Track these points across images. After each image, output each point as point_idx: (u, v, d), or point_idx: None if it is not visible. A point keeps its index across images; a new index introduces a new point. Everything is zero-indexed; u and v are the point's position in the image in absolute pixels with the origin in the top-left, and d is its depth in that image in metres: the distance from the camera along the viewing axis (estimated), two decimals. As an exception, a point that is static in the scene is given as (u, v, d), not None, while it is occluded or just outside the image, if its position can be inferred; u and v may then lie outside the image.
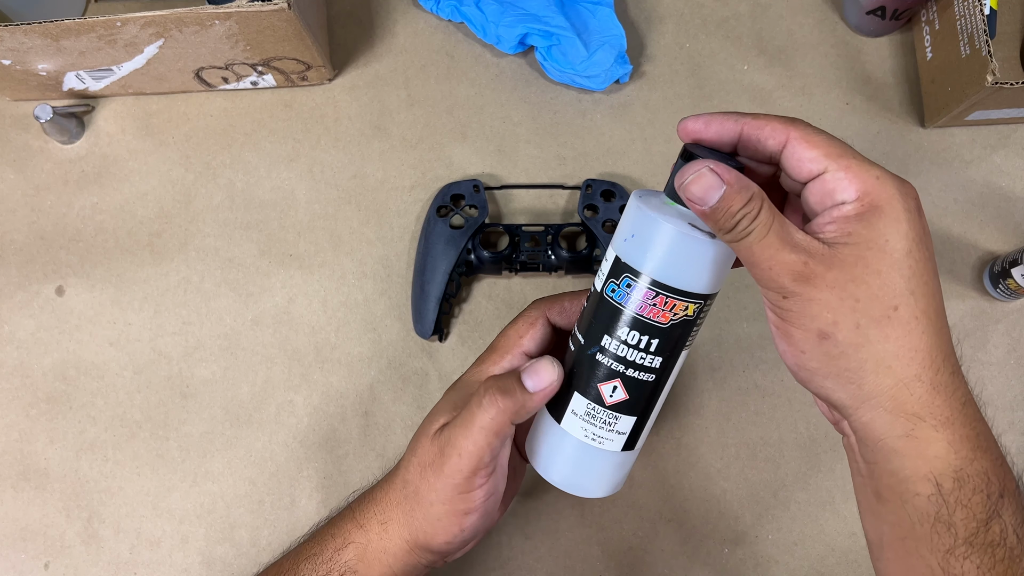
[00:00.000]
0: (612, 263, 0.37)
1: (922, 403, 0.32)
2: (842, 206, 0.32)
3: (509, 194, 0.62)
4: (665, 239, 0.35)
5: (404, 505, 0.41)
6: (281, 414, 0.58)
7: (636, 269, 0.35)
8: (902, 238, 0.32)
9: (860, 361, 0.32)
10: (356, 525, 0.43)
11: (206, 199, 0.62)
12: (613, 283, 0.36)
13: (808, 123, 0.34)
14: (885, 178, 0.32)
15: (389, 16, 0.66)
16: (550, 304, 0.43)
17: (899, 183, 0.32)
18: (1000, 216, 0.62)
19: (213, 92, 0.64)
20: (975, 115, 0.61)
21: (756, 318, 0.60)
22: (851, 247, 0.32)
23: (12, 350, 0.59)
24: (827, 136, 0.33)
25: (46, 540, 0.56)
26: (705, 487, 0.57)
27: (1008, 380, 0.59)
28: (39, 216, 0.61)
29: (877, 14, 0.62)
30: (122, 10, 0.60)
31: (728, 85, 0.64)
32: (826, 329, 0.32)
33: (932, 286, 0.33)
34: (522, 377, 0.38)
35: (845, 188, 0.32)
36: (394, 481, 0.43)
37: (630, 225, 0.36)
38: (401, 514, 0.41)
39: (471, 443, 0.38)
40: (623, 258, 0.36)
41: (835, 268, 0.31)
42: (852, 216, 0.32)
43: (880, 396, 0.32)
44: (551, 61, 0.61)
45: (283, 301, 0.60)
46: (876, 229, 0.31)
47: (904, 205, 0.32)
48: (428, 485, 0.40)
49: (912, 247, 0.32)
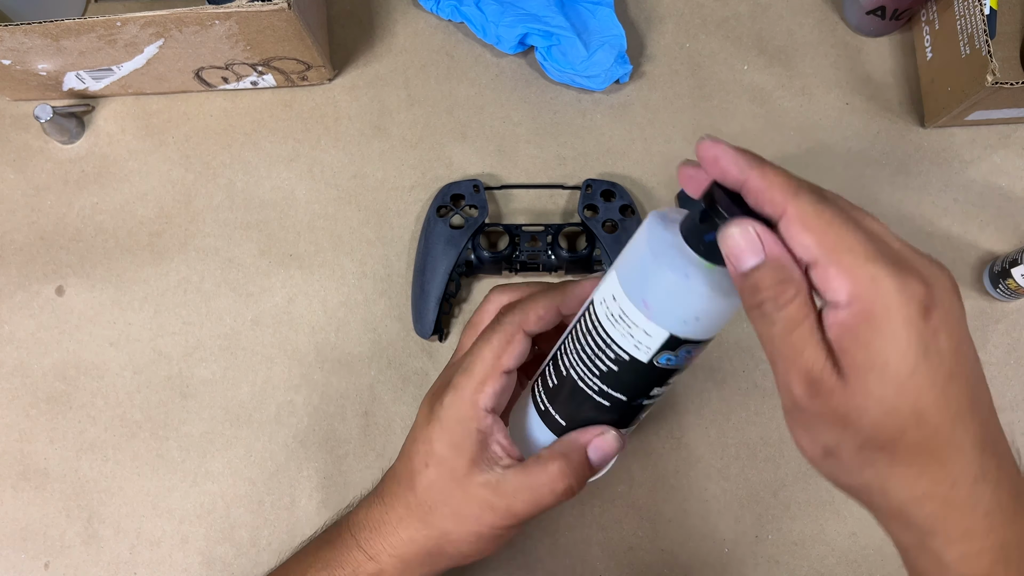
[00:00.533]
0: (667, 340, 0.34)
1: (934, 519, 0.30)
2: (836, 309, 0.28)
3: (509, 194, 0.62)
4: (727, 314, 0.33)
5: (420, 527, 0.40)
6: (281, 414, 0.58)
7: (698, 340, 0.34)
8: (902, 357, 0.28)
9: (866, 480, 0.31)
10: (367, 557, 0.41)
11: (206, 199, 0.62)
12: (669, 355, 0.34)
13: (815, 193, 0.30)
14: (883, 278, 0.27)
15: (389, 16, 0.66)
16: (523, 315, 0.39)
17: (899, 282, 0.27)
18: (1000, 216, 0.62)
19: (213, 92, 0.64)
20: (975, 115, 0.61)
21: (756, 318, 0.60)
22: (851, 369, 0.29)
23: (12, 350, 0.59)
24: (829, 217, 0.28)
25: (46, 540, 0.56)
26: (705, 487, 0.57)
27: (1008, 380, 0.59)
28: (39, 216, 0.61)
29: (877, 14, 0.62)
30: (122, 10, 0.60)
31: (728, 85, 0.65)
32: (831, 447, 0.30)
33: (951, 397, 0.29)
34: (589, 452, 0.39)
35: (836, 289, 0.28)
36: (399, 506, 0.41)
37: (695, 309, 0.32)
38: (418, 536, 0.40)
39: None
40: (682, 335, 0.33)
41: (837, 392, 0.29)
42: (848, 325, 0.28)
43: (888, 510, 0.31)
44: (551, 61, 0.61)
45: (283, 301, 0.60)
46: (872, 348, 0.28)
47: (905, 313, 0.27)
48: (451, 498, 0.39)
49: (918, 363, 0.28)
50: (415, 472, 0.40)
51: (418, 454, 0.39)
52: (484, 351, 0.38)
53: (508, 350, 0.38)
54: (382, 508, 0.41)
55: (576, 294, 0.39)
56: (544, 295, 0.39)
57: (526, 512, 0.38)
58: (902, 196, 0.62)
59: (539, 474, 0.38)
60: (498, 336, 0.38)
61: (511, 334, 0.38)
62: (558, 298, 0.39)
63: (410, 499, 0.40)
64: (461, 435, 0.38)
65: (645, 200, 0.62)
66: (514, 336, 0.38)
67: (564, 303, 0.39)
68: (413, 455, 0.40)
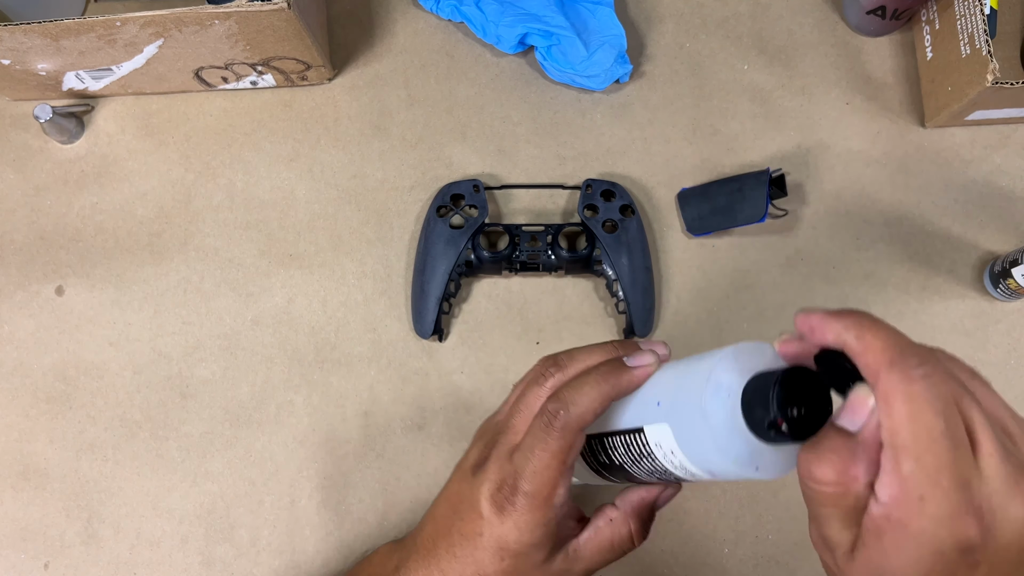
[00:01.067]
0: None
1: None
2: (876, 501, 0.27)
3: (509, 194, 0.62)
4: None
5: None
6: (281, 414, 0.58)
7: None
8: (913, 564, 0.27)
9: None
10: None
11: (206, 199, 0.62)
12: None
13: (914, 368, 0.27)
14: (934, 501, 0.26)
15: (389, 16, 0.66)
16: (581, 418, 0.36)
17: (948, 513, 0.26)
18: (1000, 216, 0.62)
19: (213, 92, 0.64)
20: (975, 115, 0.61)
21: (756, 318, 0.60)
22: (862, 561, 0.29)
23: (12, 350, 0.59)
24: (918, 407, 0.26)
25: (46, 540, 0.56)
26: (705, 487, 0.56)
27: (1008, 380, 0.59)
28: (39, 216, 0.61)
29: (877, 14, 0.62)
30: (122, 10, 0.60)
31: (728, 85, 0.64)
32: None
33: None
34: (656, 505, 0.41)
35: (884, 484, 0.27)
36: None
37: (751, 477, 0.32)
38: None
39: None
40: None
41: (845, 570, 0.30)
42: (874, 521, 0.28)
43: None
44: (551, 61, 0.61)
45: (283, 301, 0.60)
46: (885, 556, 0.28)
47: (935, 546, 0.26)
48: None
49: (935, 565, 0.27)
50: (485, 562, 0.38)
51: (490, 548, 0.38)
52: (547, 460, 0.36)
53: (571, 455, 0.37)
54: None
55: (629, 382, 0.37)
56: (595, 387, 0.37)
57: (598, 568, 0.40)
58: (902, 196, 0.62)
59: (614, 536, 0.40)
60: (557, 444, 0.36)
61: (571, 440, 0.36)
62: (610, 390, 0.37)
63: None
64: (542, 536, 0.37)
65: (645, 200, 0.62)
66: (574, 441, 0.37)
67: (618, 392, 0.37)
68: (483, 546, 0.38)
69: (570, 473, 0.38)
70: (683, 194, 0.61)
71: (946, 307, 0.60)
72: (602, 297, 0.60)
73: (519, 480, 0.37)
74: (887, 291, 0.60)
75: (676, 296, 0.60)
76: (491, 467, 0.38)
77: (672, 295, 0.60)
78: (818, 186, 0.62)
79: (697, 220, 0.60)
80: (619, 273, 0.57)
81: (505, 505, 0.37)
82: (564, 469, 0.37)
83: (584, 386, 0.37)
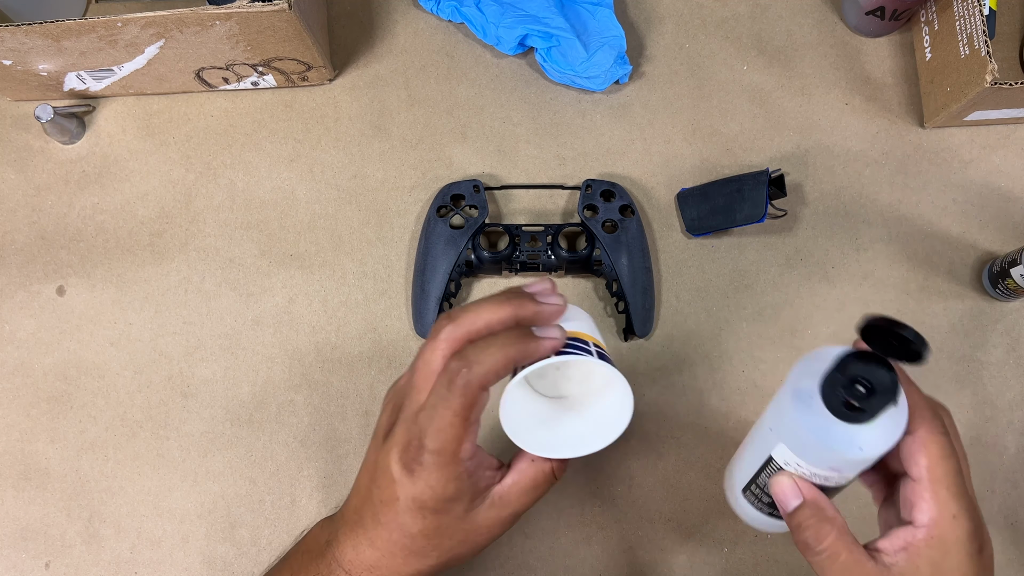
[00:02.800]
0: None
1: None
2: (914, 528, 0.36)
3: (509, 194, 0.62)
4: None
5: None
6: (282, 414, 0.58)
7: None
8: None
9: None
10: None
11: (207, 199, 0.62)
12: None
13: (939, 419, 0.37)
14: (961, 516, 0.35)
15: (389, 17, 0.66)
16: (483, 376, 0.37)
17: (970, 524, 0.35)
18: (999, 216, 0.62)
19: (214, 92, 0.64)
20: (974, 115, 0.61)
21: (755, 318, 0.60)
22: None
23: (13, 350, 0.59)
24: (944, 450, 0.36)
25: (47, 539, 0.56)
26: (705, 487, 0.57)
27: (1007, 380, 0.59)
28: (40, 216, 0.62)
29: (876, 15, 0.62)
30: (123, 10, 0.60)
31: (728, 85, 0.65)
32: None
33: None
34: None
35: (922, 511, 0.36)
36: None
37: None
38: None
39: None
40: None
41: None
42: (921, 543, 0.35)
43: None
44: (551, 63, 0.61)
45: (283, 301, 0.60)
46: (938, 566, 0.35)
47: (969, 549, 0.35)
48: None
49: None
50: (407, 524, 0.39)
51: (408, 510, 0.39)
52: (450, 417, 0.37)
53: (473, 411, 0.37)
54: (376, 553, 0.40)
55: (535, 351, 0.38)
56: (500, 350, 0.37)
57: (526, 508, 0.41)
58: (901, 196, 0.62)
59: (536, 475, 0.41)
60: (459, 401, 0.37)
61: (472, 397, 0.37)
62: (515, 353, 0.37)
63: (408, 544, 0.40)
64: (455, 489, 0.38)
65: (645, 200, 0.62)
66: (476, 398, 0.37)
67: (523, 357, 0.38)
68: (401, 510, 0.39)
69: (475, 428, 0.38)
70: (683, 194, 0.62)
71: (945, 307, 0.60)
72: (602, 297, 0.60)
73: (424, 439, 0.37)
74: (886, 291, 0.61)
75: (676, 296, 0.60)
76: (398, 430, 0.39)
77: (672, 295, 0.60)
78: (817, 186, 0.62)
79: (696, 220, 0.60)
80: (619, 273, 0.57)
81: (413, 465, 0.38)
82: (467, 425, 0.37)
83: (490, 347, 0.37)
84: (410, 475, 0.38)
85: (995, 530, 0.56)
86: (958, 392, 0.58)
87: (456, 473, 0.38)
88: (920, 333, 0.32)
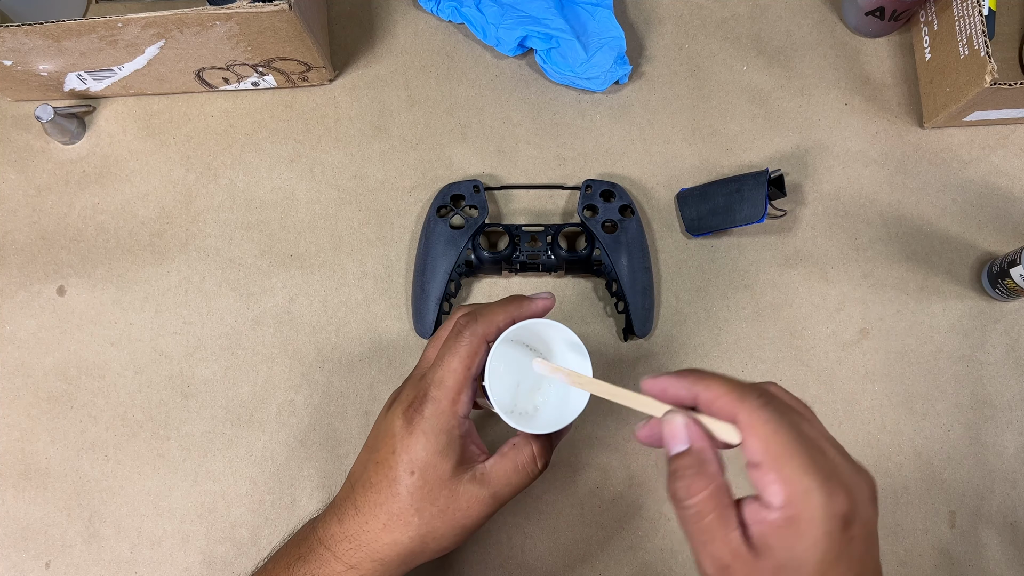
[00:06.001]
0: None
1: None
2: (768, 509, 0.33)
3: (509, 194, 0.62)
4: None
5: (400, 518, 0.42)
6: (282, 413, 0.58)
7: None
8: (818, 562, 0.32)
9: None
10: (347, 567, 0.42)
11: (207, 199, 0.62)
12: None
13: (760, 397, 0.34)
14: (814, 491, 0.32)
15: (389, 17, 0.66)
16: (486, 326, 0.42)
17: (827, 498, 0.32)
18: (998, 216, 0.62)
19: (214, 93, 0.64)
20: (974, 115, 0.61)
21: (754, 318, 0.60)
22: (770, 561, 0.32)
23: (13, 350, 0.59)
24: (774, 426, 0.33)
25: (47, 539, 0.56)
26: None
27: (1007, 380, 0.59)
28: (40, 216, 0.62)
29: (876, 15, 0.62)
30: (123, 11, 0.60)
31: (727, 86, 0.65)
32: None
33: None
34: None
35: (772, 492, 0.33)
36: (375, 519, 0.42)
37: None
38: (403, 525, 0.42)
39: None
40: None
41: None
42: (775, 526, 0.32)
43: None
44: (550, 64, 0.61)
45: (284, 301, 0.60)
46: (793, 550, 0.32)
47: (828, 527, 0.32)
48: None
49: (829, 569, 0.32)
50: (397, 480, 0.41)
51: (401, 463, 0.41)
52: (454, 364, 0.41)
53: (475, 361, 0.42)
54: (359, 519, 0.42)
55: (529, 309, 0.44)
56: (501, 308, 0.43)
57: (509, 495, 0.43)
58: (901, 196, 0.62)
59: (517, 458, 0.43)
60: (465, 348, 0.41)
61: (476, 346, 0.42)
62: (514, 311, 0.43)
63: (393, 506, 0.41)
64: (446, 443, 0.41)
65: (644, 200, 0.62)
66: (479, 348, 0.42)
67: (520, 315, 0.43)
68: (395, 464, 0.41)
69: (474, 384, 0.42)
70: (682, 194, 0.62)
71: (944, 307, 0.60)
72: (601, 297, 0.61)
73: (428, 389, 0.41)
74: (885, 291, 0.61)
75: (675, 296, 0.60)
76: (405, 390, 0.43)
77: (671, 295, 0.60)
78: (817, 186, 0.63)
79: (696, 220, 0.60)
80: (618, 273, 0.57)
81: (414, 416, 0.41)
82: (468, 375, 0.41)
83: (493, 306, 0.43)
84: (408, 426, 0.41)
85: (995, 530, 0.56)
86: (958, 392, 0.59)
87: (450, 425, 0.41)
88: None
